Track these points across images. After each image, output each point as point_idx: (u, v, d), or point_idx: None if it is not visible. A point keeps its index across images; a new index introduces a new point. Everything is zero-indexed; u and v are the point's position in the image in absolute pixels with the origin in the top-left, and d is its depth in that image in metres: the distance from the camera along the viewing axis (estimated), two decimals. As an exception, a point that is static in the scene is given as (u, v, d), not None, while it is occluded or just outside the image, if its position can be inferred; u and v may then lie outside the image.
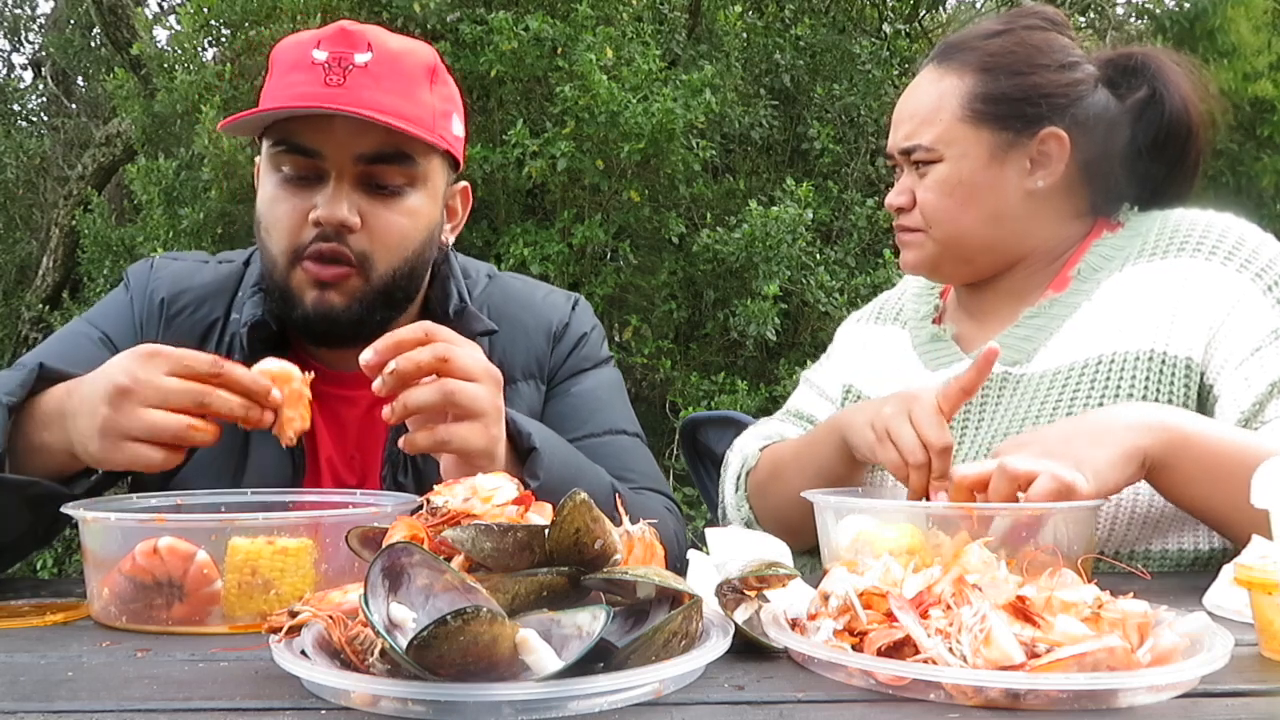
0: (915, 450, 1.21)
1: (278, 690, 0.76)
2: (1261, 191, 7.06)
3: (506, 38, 4.71)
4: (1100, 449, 1.11)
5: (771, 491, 1.51)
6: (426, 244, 1.36)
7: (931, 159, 1.43)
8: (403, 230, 1.32)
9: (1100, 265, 1.43)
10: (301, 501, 1.21)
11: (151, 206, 5.20)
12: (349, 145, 1.27)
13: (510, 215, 5.14)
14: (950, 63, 1.45)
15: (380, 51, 1.29)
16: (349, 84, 1.26)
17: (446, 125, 1.35)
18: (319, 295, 1.30)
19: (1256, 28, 6.96)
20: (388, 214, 1.30)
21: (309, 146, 1.28)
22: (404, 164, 1.30)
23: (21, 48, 10.37)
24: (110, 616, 0.99)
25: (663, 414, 5.22)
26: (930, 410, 1.23)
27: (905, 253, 1.51)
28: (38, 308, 7.05)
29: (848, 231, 5.64)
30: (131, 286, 1.44)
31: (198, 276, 1.44)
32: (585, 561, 0.79)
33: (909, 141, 1.45)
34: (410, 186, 1.32)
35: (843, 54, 5.92)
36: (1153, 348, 1.32)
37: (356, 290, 1.30)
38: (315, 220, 1.27)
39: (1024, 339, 1.43)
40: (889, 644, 0.76)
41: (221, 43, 5.33)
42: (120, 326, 1.40)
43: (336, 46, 1.28)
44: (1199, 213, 1.44)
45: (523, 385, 1.44)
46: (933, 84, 1.45)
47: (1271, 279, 1.33)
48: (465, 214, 1.48)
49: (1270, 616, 0.83)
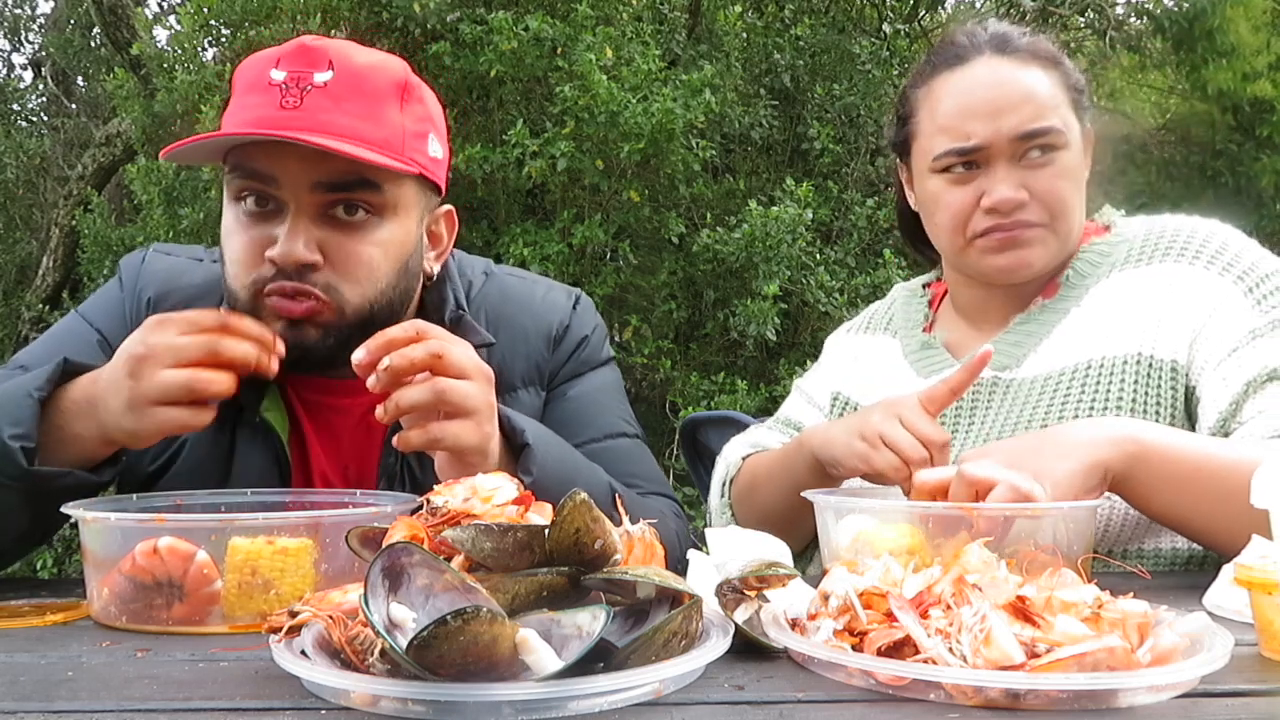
0: (915, 448, 1.21)
1: (278, 690, 0.76)
2: (1261, 191, 7.06)
3: (506, 38, 4.72)
4: (1062, 462, 1.11)
5: (750, 502, 1.52)
6: (401, 275, 1.26)
7: (1062, 144, 1.36)
8: (371, 263, 1.21)
9: (1088, 271, 1.44)
10: (301, 501, 1.21)
11: (151, 206, 5.20)
12: (306, 173, 1.17)
13: (510, 215, 5.14)
14: (1017, 54, 1.39)
15: (342, 69, 1.19)
16: (305, 106, 1.16)
17: (420, 146, 1.25)
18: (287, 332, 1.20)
19: (1256, 28, 6.96)
20: (352, 246, 1.20)
21: (264, 172, 1.18)
22: (367, 191, 1.20)
23: (21, 48, 10.38)
24: (110, 616, 0.99)
25: (663, 414, 5.22)
26: (919, 411, 1.24)
27: (1024, 253, 1.38)
28: (38, 308, 7.06)
29: (848, 231, 5.64)
30: (124, 281, 1.41)
31: (186, 276, 1.39)
32: (585, 561, 0.79)
33: (1038, 123, 1.34)
34: (377, 216, 1.22)
35: (842, 54, 5.93)
36: (1140, 352, 1.33)
37: (330, 324, 1.21)
38: (270, 259, 1.18)
39: (1014, 344, 1.43)
40: (889, 644, 0.76)
41: (221, 43, 5.33)
42: (112, 323, 1.36)
43: (295, 66, 1.18)
44: (1184, 218, 1.45)
45: (522, 393, 1.39)
46: (1021, 72, 1.37)
47: (1253, 281, 1.34)
48: (451, 239, 1.38)
49: (1270, 616, 0.83)
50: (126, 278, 1.41)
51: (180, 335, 1.10)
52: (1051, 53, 1.41)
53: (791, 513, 1.38)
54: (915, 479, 1.14)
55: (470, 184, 4.97)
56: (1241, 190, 7.16)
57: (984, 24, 1.46)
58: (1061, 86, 1.39)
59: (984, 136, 1.36)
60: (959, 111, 1.38)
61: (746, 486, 1.53)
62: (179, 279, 1.39)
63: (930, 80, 1.44)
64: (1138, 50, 7.63)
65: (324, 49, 1.20)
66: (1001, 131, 1.35)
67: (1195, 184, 7.34)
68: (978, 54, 1.40)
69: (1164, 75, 8.26)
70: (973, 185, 1.38)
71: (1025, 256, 1.39)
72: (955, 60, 1.42)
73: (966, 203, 1.38)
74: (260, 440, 1.31)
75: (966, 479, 1.07)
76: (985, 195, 1.37)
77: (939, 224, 1.44)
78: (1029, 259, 1.39)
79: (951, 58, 1.42)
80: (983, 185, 1.37)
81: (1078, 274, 1.44)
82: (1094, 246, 1.45)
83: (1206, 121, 7.49)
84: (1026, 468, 1.08)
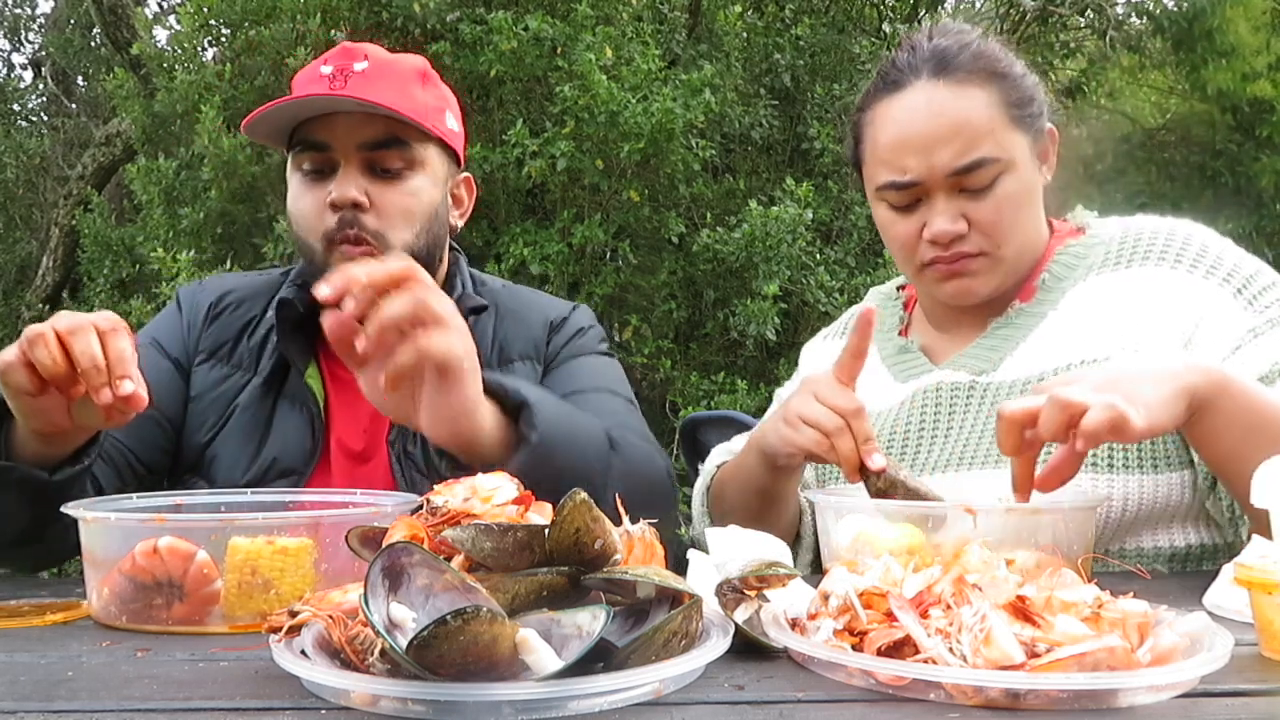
0: (829, 418, 1.21)
1: (278, 690, 0.76)
2: (1261, 192, 7.07)
3: (506, 37, 4.71)
4: (1151, 386, 1.08)
5: (721, 508, 1.52)
6: (432, 220, 1.52)
7: (999, 171, 1.35)
8: (407, 207, 1.48)
9: (1064, 274, 1.43)
10: (301, 501, 1.22)
11: (151, 206, 5.19)
12: (352, 136, 1.46)
13: (510, 215, 5.13)
14: (954, 74, 1.36)
15: (375, 61, 1.49)
16: (350, 87, 1.44)
17: (440, 119, 1.53)
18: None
19: (1255, 28, 6.97)
20: (391, 194, 1.47)
21: (319, 141, 1.47)
22: (401, 149, 1.47)
23: (21, 48, 10.38)
24: (110, 616, 0.99)
25: (663, 414, 5.22)
26: (831, 382, 1.24)
27: (967, 282, 1.39)
28: (38, 307, 7.05)
29: (848, 231, 5.64)
30: (182, 302, 1.62)
31: (242, 282, 1.64)
32: (585, 561, 0.79)
33: (970, 157, 1.33)
34: (409, 170, 1.49)
35: (842, 54, 5.92)
36: (1120, 355, 1.33)
37: None
38: (331, 202, 1.44)
39: (991, 349, 1.43)
40: (889, 644, 0.76)
41: (221, 43, 5.32)
42: (170, 335, 1.57)
43: (339, 60, 1.48)
44: (1159, 220, 1.45)
45: (519, 364, 1.55)
46: (958, 97, 1.35)
47: (1240, 283, 1.34)
48: (471, 202, 1.64)
49: (1270, 616, 0.83)
50: (185, 298, 1.62)
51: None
52: (993, 65, 1.37)
53: (750, 514, 1.40)
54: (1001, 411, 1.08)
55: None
56: (1241, 190, 7.16)
57: (930, 33, 1.43)
58: (1000, 105, 1.35)
59: (918, 172, 1.35)
60: (894, 145, 1.37)
61: (718, 493, 1.54)
62: (234, 285, 1.64)
63: (874, 105, 1.42)
64: (1138, 50, 7.63)
65: (361, 48, 1.51)
66: (935, 168, 1.34)
67: (1195, 184, 7.34)
68: (914, 77, 1.38)
69: (1164, 75, 8.27)
70: (916, 215, 1.39)
71: (969, 285, 1.40)
72: (893, 86, 1.40)
73: (911, 233, 1.39)
74: (299, 406, 1.50)
75: (1059, 402, 1.03)
76: (926, 227, 1.37)
77: (892, 250, 1.47)
78: (973, 287, 1.40)
79: (890, 82, 1.40)
80: (924, 215, 1.38)
81: (1054, 277, 1.44)
82: (1069, 249, 1.45)
83: (1206, 121, 7.49)
84: (1119, 392, 1.04)
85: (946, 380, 1.44)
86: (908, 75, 1.39)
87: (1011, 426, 1.07)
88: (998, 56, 1.39)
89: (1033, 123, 1.39)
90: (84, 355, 1.08)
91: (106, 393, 1.09)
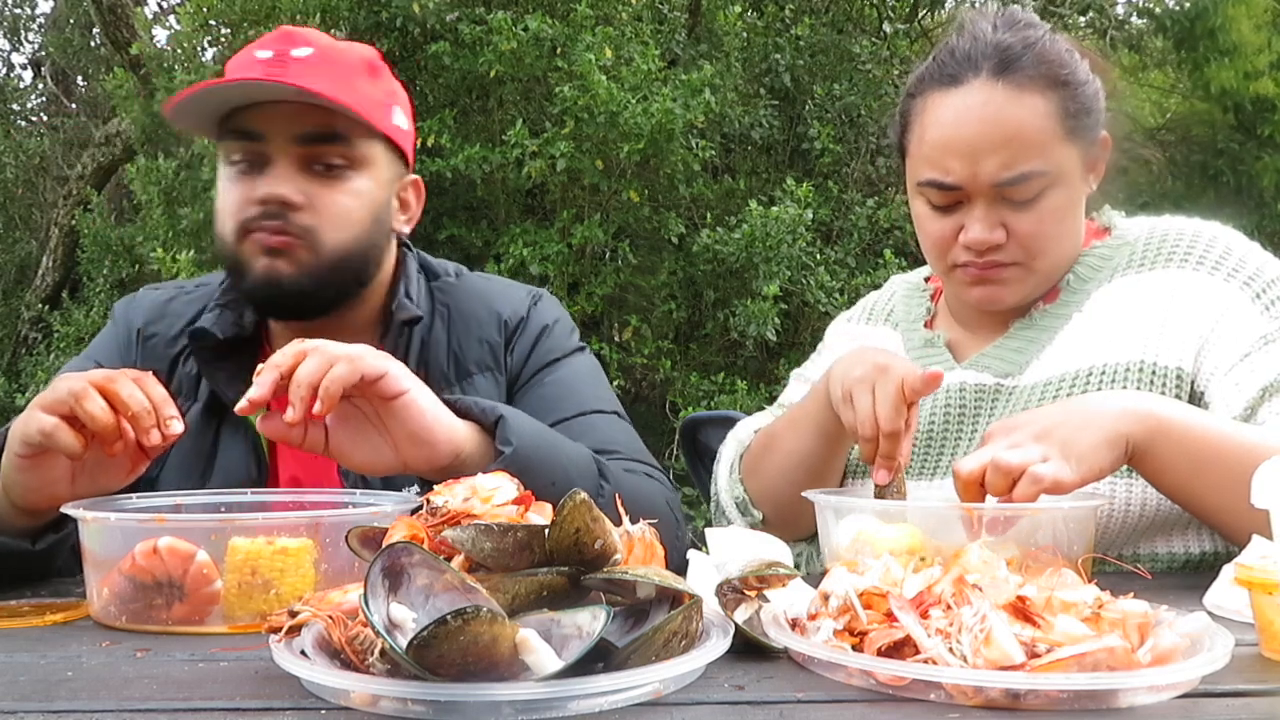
0: (866, 423, 1.22)
1: (278, 690, 0.76)
2: (1262, 191, 7.06)
3: (506, 38, 4.72)
4: (1086, 433, 1.12)
5: (764, 466, 1.48)
6: (373, 224, 1.39)
7: (1045, 185, 1.31)
8: (346, 208, 1.36)
9: (1089, 276, 1.42)
10: (301, 501, 1.21)
11: (151, 206, 5.20)
12: (289, 127, 1.33)
13: (510, 215, 5.14)
14: (1015, 77, 1.31)
15: (320, 48, 1.36)
16: (289, 73, 1.32)
17: (386, 115, 1.40)
18: (268, 263, 1.33)
19: (1257, 26, 6.96)
20: (330, 194, 1.35)
21: (252, 130, 1.34)
22: (342, 144, 1.35)
23: (21, 47, 10.38)
24: (110, 616, 0.99)
25: (663, 414, 5.22)
26: (893, 392, 1.21)
27: (997, 290, 1.37)
28: (37, 307, 7.06)
29: (848, 231, 5.64)
30: (116, 320, 1.52)
31: (173, 305, 1.50)
32: (585, 561, 0.79)
33: (1017, 169, 1.29)
34: (351, 169, 1.37)
35: (842, 54, 5.92)
36: (1143, 359, 1.32)
37: (305, 262, 1.33)
38: (259, 199, 1.33)
39: (1016, 350, 1.42)
40: (889, 644, 0.76)
41: (221, 43, 5.33)
42: (109, 357, 1.46)
43: (278, 45, 1.36)
44: (1185, 221, 1.43)
45: (479, 379, 1.44)
46: (1015, 104, 1.30)
47: (1259, 287, 1.33)
48: (419, 207, 1.50)
49: (1270, 616, 0.83)
50: (119, 316, 1.52)
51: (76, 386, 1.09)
52: (1056, 72, 1.33)
53: (813, 459, 1.39)
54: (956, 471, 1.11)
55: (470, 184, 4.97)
56: (1243, 190, 7.15)
57: (995, 21, 1.37)
58: (1057, 116, 1.31)
59: (961, 177, 1.31)
60: (942, 144, 1.33)
61: (761, 450, 1.50)
62: (165, 307, 1.50)
63: (927, 93, 1.38)
64: (1139, 49, 7.63)
65: (303, 32, 1.38)
66: (979, 177, 1.30)
67: (1196, 183, 7.33)
68: (973, 74, 1.33)
69: (1165, 74, 8.26)
70: (954, 217, 1.36)
71: (998, 293, 1.38)
72: (950, 79, 1.35)
73: (947, 233, 1.37)
74: (242, 433, 1.39)
75: (1001, 468, 1.06)
76: (963, 230, 1.35)
77: (924, 245, 1.44)
78: (1002, 295, 1.38)
79: (948, 74, 1.35)
80: (963, 218, 1.35)
81: (1079, 279, 1.42)
82: (1095, 250, 1.44)
83: (1208, 121, 7.48)
84: (1055, 441, 1.09)
85: (970, 381, 1.43)
86: (966, 70, 1.33)
87: (969, 485, 1.10)
88: (1062, 61, 1.34)
89: (1087, 133, 1.35)
90: (132, 399, 1.08)
91: (156, 434, 1.09)
